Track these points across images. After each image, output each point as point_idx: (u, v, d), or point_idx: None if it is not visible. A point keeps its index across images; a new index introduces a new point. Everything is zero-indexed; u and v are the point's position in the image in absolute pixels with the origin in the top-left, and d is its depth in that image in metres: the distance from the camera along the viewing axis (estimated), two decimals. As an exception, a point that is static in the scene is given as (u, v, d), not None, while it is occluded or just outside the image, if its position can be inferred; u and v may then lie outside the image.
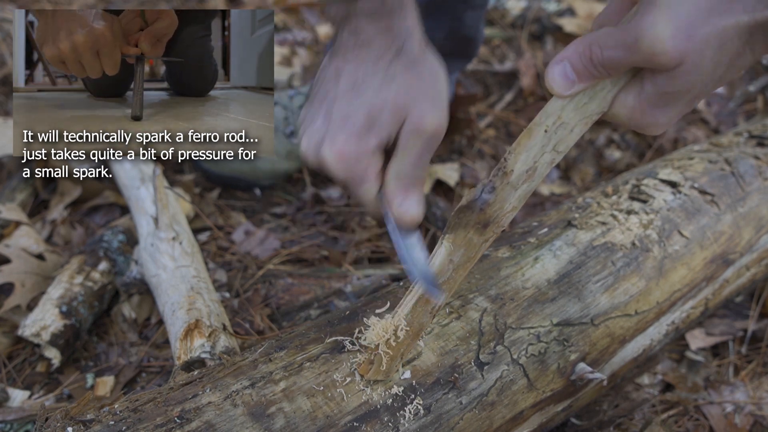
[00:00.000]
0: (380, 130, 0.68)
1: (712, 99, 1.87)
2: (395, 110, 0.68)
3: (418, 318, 0.66)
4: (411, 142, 0.68)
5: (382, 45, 0.69)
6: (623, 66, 0.57)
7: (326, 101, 0.71)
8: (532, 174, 0.62)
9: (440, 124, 0.69)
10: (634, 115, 0.60)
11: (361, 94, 0.68)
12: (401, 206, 0.69)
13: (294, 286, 1.17)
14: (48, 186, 1.37)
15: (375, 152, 0.69)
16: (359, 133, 0.68)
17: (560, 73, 0.59)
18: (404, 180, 0.69)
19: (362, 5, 0.67)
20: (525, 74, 1.81)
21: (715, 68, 0.55)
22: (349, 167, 0.68)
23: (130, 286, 1.11)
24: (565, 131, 0.61)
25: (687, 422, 1.03)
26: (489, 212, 0.63)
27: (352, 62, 0.69)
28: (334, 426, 0.66)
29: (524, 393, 0.78)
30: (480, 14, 1.38)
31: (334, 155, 0.68)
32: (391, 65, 0.69)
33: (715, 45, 0.53)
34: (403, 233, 0.69)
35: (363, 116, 0.68)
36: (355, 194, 0.71)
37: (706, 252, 0.98)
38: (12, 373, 1.04)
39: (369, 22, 0.68)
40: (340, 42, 0.71)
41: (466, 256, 0.65)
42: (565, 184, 1.58)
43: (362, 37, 0.69)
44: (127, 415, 0.64)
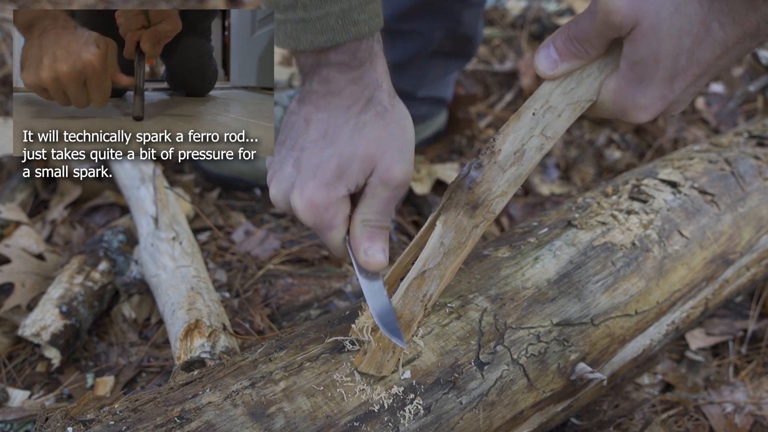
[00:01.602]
0: (349, 179, 0.69)
1: (712, 99, 1.87)
2: (364, 160, 0.69)
3: (409, 305, 0.67)
4: (378, 191, 0.70)
5: (353, 95, 0.69)
6: (592, 36, 0.60)
7: (296, 149, 0.71)
8: (520, 157, 0.64)
9: (406, 175, 0.70)
10: (616, 98, 0.62)
11: (331, 144, 0.69)
12: (366, 253, 0.70)
13: (294, 286, 1.17)
14: (48, 186, 1.37)
15: (343, 200, 0.70)
16: (329, 182, 0.69)
17: (544, 54, 0.62)
18: (370, 227, 0.71)
19: (333, 57, 0.68)
20: (525, 74, 1.81)
21: (679, 35, 0.56)
22: (318, 215, 0.69)
23: (130, 286, 1.11)
24: (553, 115, 0.63)
25: (687, 422, 1.03)
26: (477, 192, 0.64)
27: (323, 110, 0.70)
28: (334, 426, 0.66)
29: (524, 393, 0.78)
30: (478, 12, 1.38)
31: (303, 203, 0.69)
32: (361, 115, 0.69)
33: (671, 6, 0.55)
34: (367, 277, 0.71)
35: (333, 166, 0.68)
36: (323, 239, 0.73)
37: (706, 252, 0.98)
38: (12, 373, 1.04)
39: (339, 72, 0.69)
40: (309, 89, 0.71)
41: (456, 240, 0.65)
42: (565, 184, 1.58)
43: (333, 87, 0.69)
44: (127, 415, 0.64)
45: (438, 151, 1.58)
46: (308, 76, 0.71)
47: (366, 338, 0.68)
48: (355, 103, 0.69)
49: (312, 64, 0.70)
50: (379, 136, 0.69)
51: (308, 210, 0.69)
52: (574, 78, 0.62)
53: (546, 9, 2.12)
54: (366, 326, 0.68)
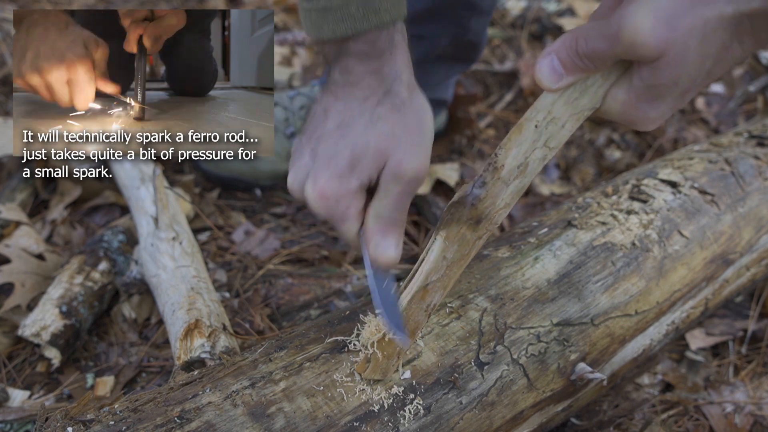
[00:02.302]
0: (362, 171, 0.68)
1: (712, 99, 1.87)
2: (376, 154, 0.68)
3: (413, 316, 0.66)
4: (390, 186, 0.69)
5: (371, 86, 0.69)
6: (607, 57, 0.57)
7: (314, 138, 0.71)
8: (524, 170, 0.62)
9: (420, 169, 0.69)
10: (625, 110, 0.60)
11: (346, 134, 0.69)
12: (378, 248, 0.69)
13: (294, 286, 1.17)
14: (48, 186, 1.37)
15: (357, 193, 0.69)
16: (341, 174, 0.68)
17: (548, 66, 0.59)
18: (383, 221, 0.70)
19: (353, 46, 0.68)
20: (525, 74, 1.81)
21: (702, 61, 0.55)
22: (330, 206, 0.69)
23: (130, 286, 1.11)
24: (556, 127, 0.61)
25: (687, 422, 1.03)
26: (481, 208, 0.63)
27: (341, 101, 0.70)
28: (334, 426, 0.66)
29: (524, 393, 0.78)
30: (486, 20, 1.38)
31: (316, 194, 0.69)
32: (378, 107, 0.69)
33: (698, 36, 0.53)
34: (378, 273, 0.70)
35: (347, 157, 0.68)
36: (337, 231, 0.72)
37: (706, 252, 0.98)
38: (12, 373, 1.04)
39: (359, 62, 0.69)
40: (331, 79, 0.71)
41: (459, 253, 0.65)
42: (565, 184, 1.58)
43: (352, 77, 0.69)
44: (127, 415, 0.64)
45: (438, 151, 1.58)
46: (332, 66, 0.71)
47: (370, 352, 0.68)
48: (371, 95, 0.69)
49: (335, 54, 0.70)
50: (393, 129, 0.69)
51: (320, 201, 0.69)
52: (578, 88, 0.60)
53: (546, 9, 2.12)
54: (371, 341, 0.68)
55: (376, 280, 0.69)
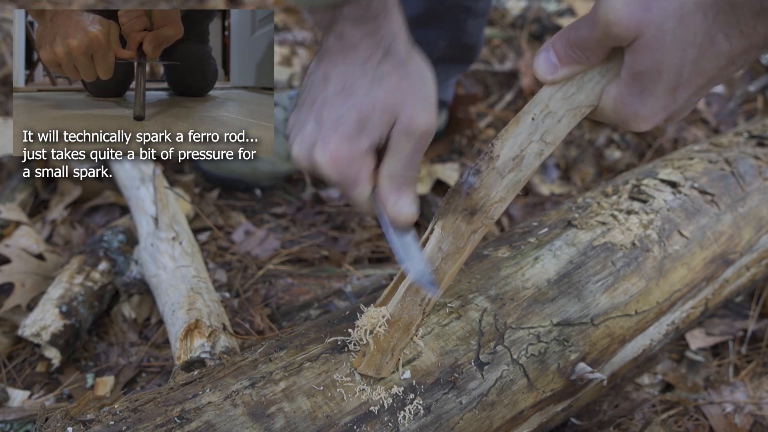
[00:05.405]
0: (371, 131, 0.68)
1: (712, 99, 1.87)
2: (385, 111, 0.68)
3: (407, 309, 0.66)
4: (402, 143, 0.68)
5: (370, 47, 0.69)
6: (593, 44, 0.58)
7: (316, 105, 0.71)
8: (519, 162, 0.63)
9: (430, 124, 0.69)
10: (617, 106, 0.60)
11: (350, 96, 0.68)
12: (395, 206, 0.69)
13: (294, 286, 1.17)
14: (48, 186, 1.37)
15: (367, 153, 0.69)
16: (351, 135, 0.68)
17: (544, 58, 0.61)
18: (397, 180, 0.69)
19: (347, 11, 0.67)
20: (525, 74, 1.81)
21: (683, 47, 0.55)
22: (342, 170, 0.69)
23: (130, 286, 1.11)
24: (552, 121, 0.61)
25: (687, 422, 1.03)
26: (475, 198, 0.63)
27: (340, 65, 0.69)
28: (334, 426, 0.66)
29: (524, 393, 0.78)
30: (482, 22, 1.38)
31: (327, 158, 0.68)
32: (380, 66, 0.69)
33: (674, 18, 0.54)
34: (398, 232, 0.70)
35: (354, 118, 0.68)
36: (349, 196, 0.72)
37: (706, 252, 0.98)
38: (12, 373, 1.04)
39: (354, 26, 0.68)
40: (326, 47, 0.71)
41: (454, 246, 0.65)
42: (565, 184, 1.58)
43: (348, 42, 0.69)
44: (127, 415, 0.64)
45: (438, 151, 1.58)
46: (325, 32, 0.70)
47: (365, 341, 0.68)
48: (372, 55, 0.69)
49: (328, 21, 0.69)
50: (399, 86, 0.68)
51: (332, 165, 0.68)
52: (575, 83, 0.61)
53: (546, 9, 2.12)
54: (366, 328, 0.68)
55: (398, 238, 0.69)
